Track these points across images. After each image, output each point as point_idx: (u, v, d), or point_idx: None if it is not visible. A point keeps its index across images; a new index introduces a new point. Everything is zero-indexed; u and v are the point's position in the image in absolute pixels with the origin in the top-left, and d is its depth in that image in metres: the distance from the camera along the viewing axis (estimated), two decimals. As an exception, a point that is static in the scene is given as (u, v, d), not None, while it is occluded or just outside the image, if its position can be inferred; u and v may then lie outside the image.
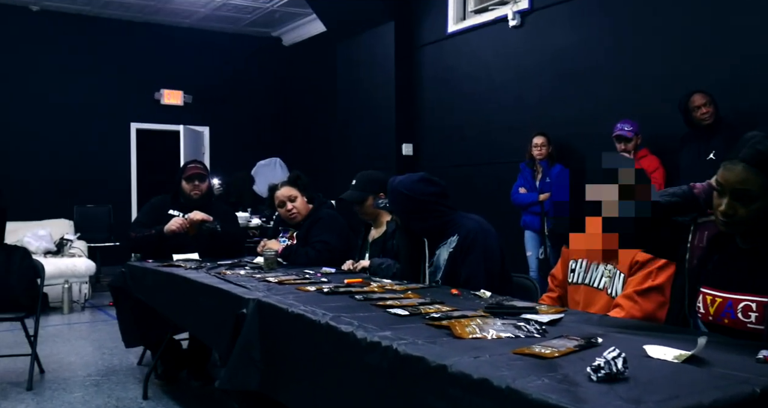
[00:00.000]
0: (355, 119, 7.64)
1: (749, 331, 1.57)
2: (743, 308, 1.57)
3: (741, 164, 1.54)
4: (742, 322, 1.57)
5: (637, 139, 4.47)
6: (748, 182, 1.53)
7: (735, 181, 1.55)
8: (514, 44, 5.89)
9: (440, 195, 2.66)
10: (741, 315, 1.57)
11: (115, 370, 4.10)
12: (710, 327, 1.67)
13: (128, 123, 9.05)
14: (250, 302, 2.23)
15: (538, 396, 1.13)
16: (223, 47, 9.57)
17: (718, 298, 1.63)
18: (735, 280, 1.61)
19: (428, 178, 2.68)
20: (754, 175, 1.52)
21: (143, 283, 3.50)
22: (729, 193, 1.56)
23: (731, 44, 4.27)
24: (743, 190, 1.54)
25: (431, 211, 2.63)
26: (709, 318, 1.66)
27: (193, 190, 3.86)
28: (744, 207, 1.55)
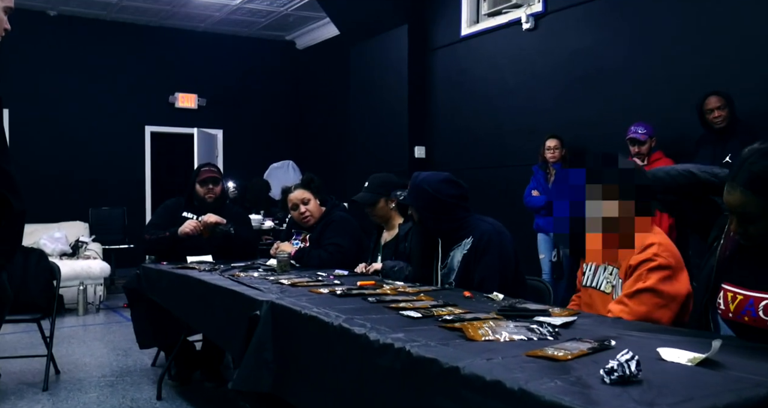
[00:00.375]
0: (368, 122, 7.66)
1: None
2: (765, 307, 1.57)
3: (739, 188, 1.58)
4: (763, 320, 1.57)
5: (651, 141, 4.44)
6: (748, 205, 1.57)
7: (736, 205, 1.60)
8: (528, 47, 5.88)
9: (462, 198, 2.67)
10: (762, 313, 1.57)
11: (129, 371, 4.13)
12: (729, 324, 1.68)
13: (143, 126, 9.13)
14: (263, 304, 2.25)
15: (551, 398, 1.13)
16: (237, 51, 9.64)
17: (739, 296, 1.64)
18: (758, 278, 1.62)
19: (453, 180, 2.69)
20: (751, 197, 1.56)
21: (157, 284, 3.52)
22: (734, 213, 1.61)
23: (748, 45, 4.23)
24: (744, 214, 1.59)
25: (450, 212, 2.63)
26: (729, 315, 1.66)
27: (207, 193, 3.89)
28: (752, 225, 1.59)
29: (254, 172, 8.97)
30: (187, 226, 3.75)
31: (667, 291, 2.00)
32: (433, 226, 2.69)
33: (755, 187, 1.55)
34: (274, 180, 8.87)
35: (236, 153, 9.57)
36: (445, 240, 2.70)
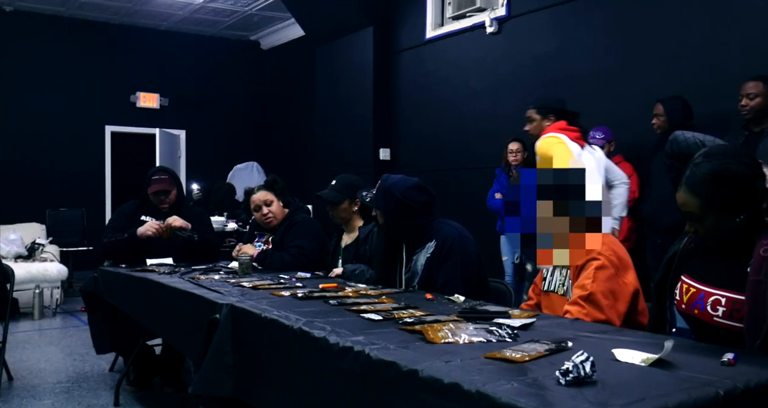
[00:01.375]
0: (333, 124, 7.64)
1: (715, 325, 1.63)
2: (713, 302, 1.63)
3: (683, 187, 1.64)
4: (710, 314, 1.63)
5: (609, 146, 4.52)
6: (689, 205, 1.64)
7: (681, 204, 1.66)
8: (492, 51, 5.94)
9: (429, 205, 2.69)
10: (710, 308, 1.63)
11: (86, 376, 4.03)
12: (683, 315, 1.75)
13: (103, 126, 8.94)
14: (223, 307, 2.22)
15: (507, 400, 1.14)
16: (200, 50, 9.52)
17: (692, 288, 1.70)
18: (711, 274, 1.68)
19: (422, 187, 2.70)
20: (692, 197, 1.62)
21: (116, 288, 3.45)
22: (685, 215, 1.67)
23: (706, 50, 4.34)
24: (688, 213, 1.65)
25: (415, 218, 2.64)
26: (682, 306, 1.73)
27: (160, 204, 3.82)
28: (698, 223, 1.65)
29: (218, 174, 8.88)
30: (149, 229, 3.68)
31: (616, 289, 2.05)
32: (397, 231, 2.70)
33: (695, 188, 1.61)
34: (238, 181, 8.79)
35: (200, 154, 9.45)
36: (409, 244, 2.71)
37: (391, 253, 2.76)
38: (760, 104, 3.54)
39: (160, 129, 8.60)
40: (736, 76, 3.79)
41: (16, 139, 8.27)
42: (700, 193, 1.61)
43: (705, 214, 1.62)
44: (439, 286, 2.54)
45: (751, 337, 1.53)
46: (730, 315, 1.60)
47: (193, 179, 8.82)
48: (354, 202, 3.21)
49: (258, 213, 3.61)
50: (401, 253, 2.74)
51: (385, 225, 2.72)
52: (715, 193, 1.59)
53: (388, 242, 2.75)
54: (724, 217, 1.61)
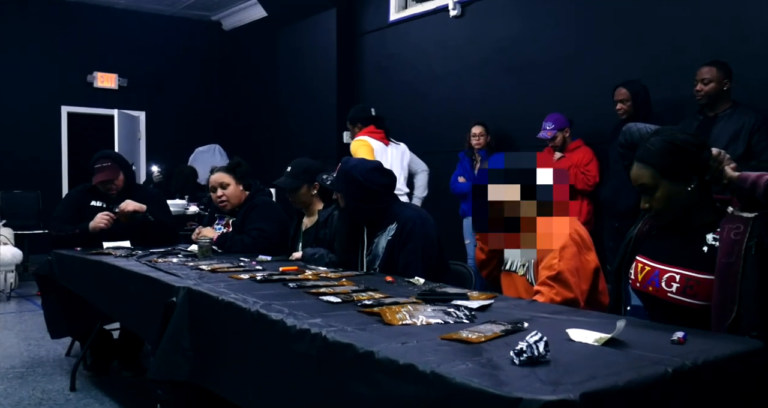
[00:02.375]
0: (296, 106, 7.56)
1: (669, 300, 1.70)
2: (668, 279, 1.71)
3: (635, 163, 1.75)
4: (664, 290, 1.70)
5: (563, 133, 4.57)
6: (641, 177, 1.73)
7: (634, 179, 1.75)
8: (455, 34, 5.93)
9: (389, 187, 2.69)
10: (664, 284, 1.71)
11: (41, 361, 3.95)
12: (637, 293, 1.82)
13: (59, 106, 8.68)
14: (180, 290, 2.19)
15: (461, 380, 1.15)
16: (160, 30, 9.28)
17: (647, 267, 1.77)
18: (665, 253, 1.76)
19: (383, 169, 2.70)
20: (644, 168, 1.72)
21: (71, 271, 3.38)
22: (639, 191, 1.75)
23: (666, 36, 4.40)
24: (641, 185, 1.73)
25: (376, 200, 2.64)
26: (637, 284, 1.80)
27: (108, 192, 3.73)
28: (651, 198, 1.73)
29: (179, 156, 8.72)
30: (100, 221, 3.57)
31: (579, 267, 2.11)
32: (359, 213, 2.69)
33: (647, 159, 1.71)
34: (199, 164, 8.65)
35: (160, 136, 9.26)
36: (370, 226, 2.71)
37: (352, 236, 2.75)
38: (714, 89, 3.61)
39: (118, 110, 8.39)
40: (693, 61, 3.85)
41: (-34, 118, 7.99)
42: (652, 163, 1.71)
43: (657, 184, 1.71)
44: (400, 268, 2.54)
45: (719, 318, 1.59)
46: (684, 291, 1.67)
47: (153, 161, 8.64)
48: (313, 185, 3.18)
49: (213, 194, 3.57)
50: (362, 236, 2.73)
51: (346, 208, 2.70)
52: (665, 161, 1.69)
53: (350, 225, 2.74)
54: (675, 186, 1.70)
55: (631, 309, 1.85)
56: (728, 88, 3.63)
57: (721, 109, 3.64)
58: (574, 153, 4.56)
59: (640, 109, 4.09)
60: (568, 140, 4.62)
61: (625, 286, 1.87)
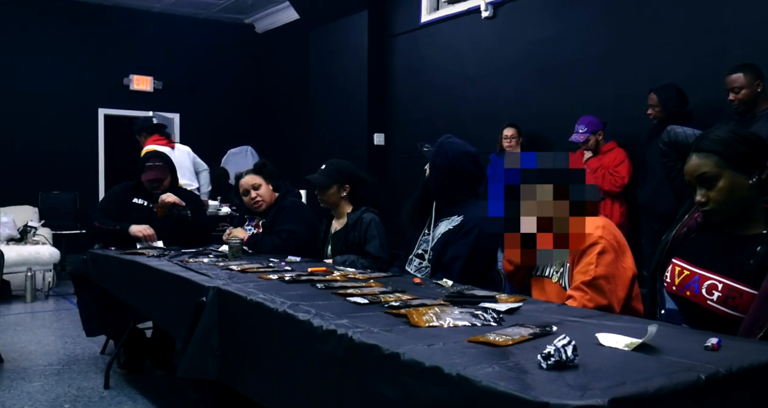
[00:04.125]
0: (328, 108, 7.59)
1: (707, 308, 1.65)
2: (709, 286, 1.66)
3: (693, 155, 1.71)
4: (704, 297, 1.66)
5: (596, 136, 4.51)
6: (703, 166, 1.69)
7: (694, 171, 1.70)
8: (487, 36, 5.89)
9: (473, 177, 2.69)
10: (705, 291, 1.66)
11: (77, 359, 4.03)
12: (672, 296, 1.77)
13: (96, 108, 8.86)
14: (209, 290, 2.21)
15: (487, 383, 1.13)
16: (194, 33, 9.42)
17: (686, 271, 1.73)
18: (706, 258, 1.71)
19: (476, 158, 2.72)
20: (705, 158, 1.68)
21: (105, 270, 3.44)
22: (696, 184, 1.70)
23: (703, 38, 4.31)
24: (702, 175, 1.68)
25: (457, 185, 2.65)
26: (673, 288, 1.75)
27: (153, 190, 3.80)
28: (711, 190, 1.68)
29: (212, 157, 8.80)
30: (141, 231, 3.65)
31: (616, 274, 2.05)
32: (437, 188, 2.69)
33: (710, 147, 1.68)
34: (232, 165, 8.74)
35: (193, 137, 9.34)
36: (439, 207, 2.71)
37: (420, 209, 2.76)
38: (747, 95, 3.53)
39: (153, 112, 8.54)
40: (731, 61, 3.76)
41: (8, 121, 8.20)
42: (716, 151, 1.68)
43: (721, 173, 1.67)
44: (446, 259, 2.56)
45: (747, 330, 1.55)
46: (725, 301, 1.62)
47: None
48: (343, 187, 3.19)
49: (247, 197, 3.60)
50: (431, 211, 2.73)
51: (428, 179, 2.71)
52: (731, 149, 1.67)
53: (423, 197, 2.75)
54: (738, 176, 1.66)
55: (666, 312, 1.80)
56: (762, 88, 3.54)
57: (760, 109, 3.55)
58: (606, 155, 4.50)
59: (671, 114, 4.02)
60: (601, 143, 4.55)
61: (660, 288, 1.83)
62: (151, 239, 3.64)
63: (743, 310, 1.59)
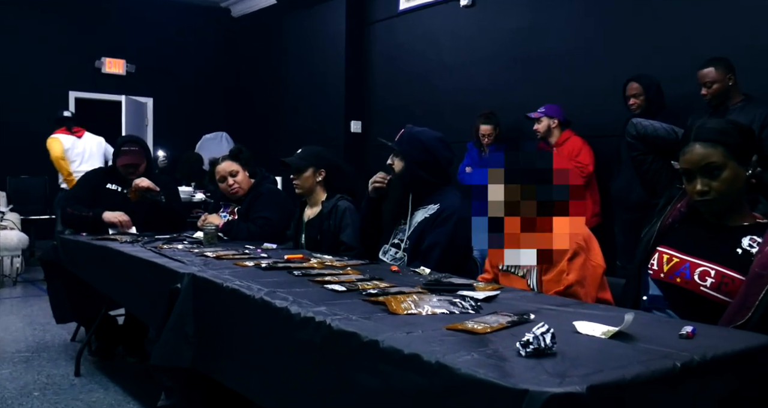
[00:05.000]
0: (304, 95, 7.53)
1: (700, 294, 1.68)
2: (701, 272, 1.69)
3: (697, 144, 1.70)
4: (696, 283, 1.69)
5: (550, 121, 4.57)
6: (710, 156, 1.68)
7: (698, 160, 1.69)
8: (466, 25, 5.88)
9: (448, 162, 2.70)
10: (698, 278, 1.69)
11: (46, 346, 3.97)
12: (659, 283, 1.78)
13: (67, 91, 8.68)
14: (184, 277, 2.18)
15: (466, 370, 1.13)
16: (168, 16, 9.24)
17: (675, 258, 1.75)
18: (696, 246, 1.73)
19: (447, 143, 2.70)
20: (712, 147, 1.68)
21: (76, 256, 3.38)
22: (698, 173, 1.69)
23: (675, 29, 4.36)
24: (708, 164, 1.68)
25: (435, 172, 2.63)
26: (661, 275, 1.77)
27: (128, 175, 3.73)
28: (715, 180, 1.69)
29: (186, 143, 8.70)
30: (114, 218, 3.59)
31: (588, 274, 2.04)
32: (412, 179, 2.65)
33: (716, 137, 1.68)
34: (206, 151, 8.62)
35: (167, 122, 9.24)
36: (415, 197, 2.69)
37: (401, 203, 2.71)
38: (719, 89, 3.58)
39: (126, 96, 8.39)
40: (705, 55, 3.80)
41: (-25, 103, 8.00)
42: (722, 142, 1.68)
43: (727, 163, 1.68)
44: (424, 247, 2.55)
45: (729, 318, 1.59)
46: (719, 288, 1.65)
47: (159, 147, 8.64)
48: (319, 171, 3.16)
49: (223, 184, 3.56)
50: (407, 203, 2.71)
51: (402, 172, 2.67)
52: (735, 139, 1.69)
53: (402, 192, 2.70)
54: (739, 168, 1.68)
55: (649, 298, 1.82)
56: (734, 82, 3.59)
57: (733, 102, 3.60)
58: (564, 146, 4.55)
59: (653, 102, 4.06)
60: (554, 131, 4.60)
61: (644, 276, 1.85)
62: (126, 226, 3.59)
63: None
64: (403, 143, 2.67)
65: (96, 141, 6.69)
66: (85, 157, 6.58)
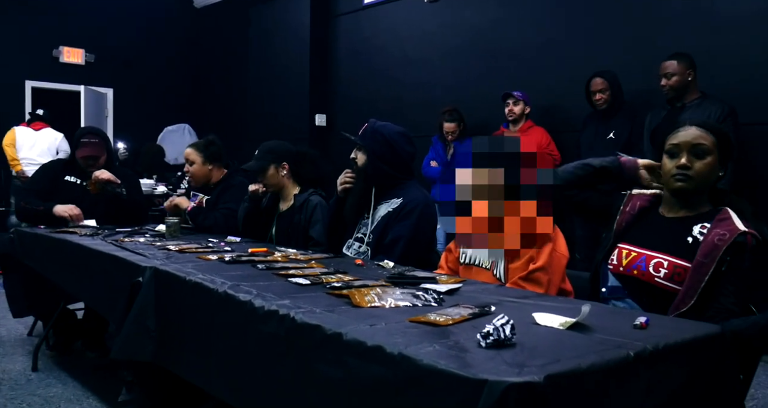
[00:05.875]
0: (268, 87, 7.47)
1: (655, 285, 1.77)
2: (655, 264, 1.78)
3: (693, 127, 1.83)
4: (651, 275, 1.78)
5: (524, 107, 4.63)
6: (704, 138, 1.81)
7: (691, 139, 1.81)
8: (430, 20, 5.91)
9: (410, 156, 2.71)
10: (652, 269, 1.78)
11: (2, 341, 3.87)
12: (618, 276, 1.87)
13: (23, 80, 8.44)
14: (146, 270, 2.16)
15: (428, 361, 1.16)
16: (129, 5, 9.05)
17: (633, 253, 1.84)
18: (653, 241, 1.83)
19: (409, 138, 2.71)
20: (707, 133, 1.81)
21: (34, 250, 3.31)
22: (686, 150, 1.80)
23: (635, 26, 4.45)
24: (698, 145, 1.80)
25: (397, 166, 2.64)
26: (620, 269, 1.86)
27: (87, 168, 3.67)
28: (699, 160, 1.80)
29: (147, 135, 8.56)
30: (65, 211, 3.52)
31: (553, 263, 2.07)
32: (375, 173, 2.65)
33: (712, 128, 1.83)
34: (168, 143, 8.51)
35: (128, 114, 9.07)
36: (378, 192, 2.69)
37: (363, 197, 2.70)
38: (678, 82, 3.68)
39: (85, 86, 8.20)
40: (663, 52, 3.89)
41: (-75, 91, 7.73)
42: (714, 132, 1.81)
43: (712, 152, 1.80)
44: (388, 240, 2.56)
45: (676, 305, 1.69)
46: (671, 277, 1.74)
47: (120, 139, 8.49)
48: (281, 165, 3.14)
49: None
50: (370, 197, 2.71)
51: (366, 166, 2.66)
52: (724, 139, 1.82)
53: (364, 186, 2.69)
54: (717, 164, 1.81)
55: (608, 289, 1.89)
56: (693, 78, 3.69)
57: (689, 99, 3.70)
58: (529, 133, 4.61)
59: (617, 98, 4.16)
60: (523, 118, 4.69)
61: (604, 269, 1.92)
62: (77, 219, 3.52)
63: None
64: (366, 137, 2.68)
65: (52, 136, 6.92)
66: (30, 147, 6.86)
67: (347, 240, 2.77)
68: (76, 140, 3.74)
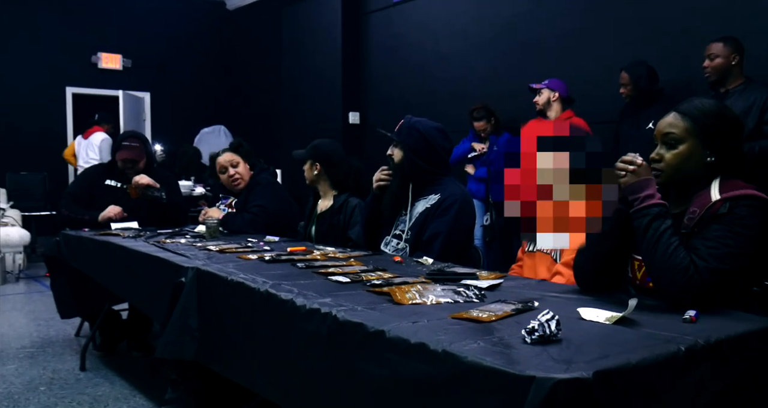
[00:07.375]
0: (302, 87, 7.51)
1: None
2: None
3: (672, 113, 1.72)
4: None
5: (551, 94, 4.52)
6: (673, 126, 1.70)
7: (663, 128, 1.72)
8: (460, 13, 5.86)
9: (447, 152, 2.70)
10: None
11: (51, 341, 3.98)
12: (637, 289, 1.79)
13: (64, 87, 8.66)
14: (189, 271, 2.19)
15: (473, 358, 1.14)
16: (164, 10, 9.21)
17: (644, 267, 1.73)
18: None
19: (446, 133, 2.70)
20: (680, 119, 1.69)
21: (79, 252, 3.39)
22: (660, 141, 1.72)
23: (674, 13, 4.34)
24: (667, 134, 1.70)
25: (434, 162, 2.63)
26: (636, 282, 1.78)
27: (127, 171, 3.74)
28: (669, 151, 1.70)
29: (184, 137, 8.70)
30: (110, 212, 3.60)
31: None
32: (412, 169, 2.63)
33: (690, 111, 1.69)
34: (204, 145, 8.62)
35: (165, 117, 9.23)
36: (415, 188, 2.68)
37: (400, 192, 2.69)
38: (721, 65, 3.57)
39: (123, 91, 8.37)
40: (704, 39, 3.79)
41: (-28, 100, 7.98)
42: (693, 116, 1.68)
43: (685, 139, 1.68)
44: (426, 237, 2.54)
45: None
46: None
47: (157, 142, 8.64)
48: (314, 165, 3.17)
49: (224, 175, 3.57)
50: (408, 193, 2.70)
51: (401, 162, 2.65)
52: (707, 118, 1.68)
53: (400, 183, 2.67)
54: (698, 148, 1.67)
55: None
56: (738, 63, 3.58)
57: (733, 85, 3.60)
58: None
59: (643, 92, 4.06)
60: (554, 105, 4.54)
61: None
62: (119, 215, 3.59)
63: None
64: (403, 133, 2.67)
65: (99, 138, 7.10)
66: (85, 153, 7.11)
67: (385, 237, 2.76)
68: (117, 143, 3.82)
